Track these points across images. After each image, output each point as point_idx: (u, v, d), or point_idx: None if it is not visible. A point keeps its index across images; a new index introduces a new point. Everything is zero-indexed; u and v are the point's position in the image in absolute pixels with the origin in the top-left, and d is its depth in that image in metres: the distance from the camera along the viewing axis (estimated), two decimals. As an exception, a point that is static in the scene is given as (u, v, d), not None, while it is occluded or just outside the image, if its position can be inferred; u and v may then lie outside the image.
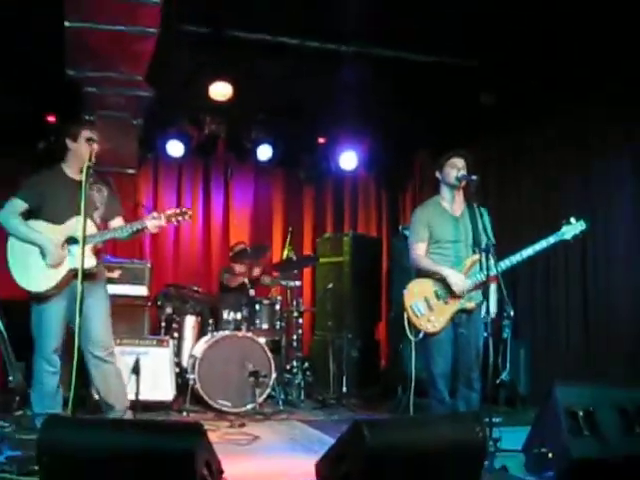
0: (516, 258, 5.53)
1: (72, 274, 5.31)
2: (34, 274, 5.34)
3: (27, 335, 6.27)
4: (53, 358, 5.39)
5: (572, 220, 5.59)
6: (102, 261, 5.77)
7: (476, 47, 7.85)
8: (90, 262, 5.34)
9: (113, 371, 5.60)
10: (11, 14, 6.58)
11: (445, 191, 5.89)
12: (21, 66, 7.37)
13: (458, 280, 5.56)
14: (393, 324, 9.28)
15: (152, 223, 5.44)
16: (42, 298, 5.35)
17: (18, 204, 5.40)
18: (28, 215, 5.44)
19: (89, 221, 5.35)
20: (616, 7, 6.38)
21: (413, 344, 5.69)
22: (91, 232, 5.37)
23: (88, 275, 5.32)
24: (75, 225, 5.32)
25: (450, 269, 5.62)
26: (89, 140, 5.46)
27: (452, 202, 5.86)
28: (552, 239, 5.55)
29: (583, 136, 7.79)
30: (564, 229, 5.56)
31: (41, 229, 5.36)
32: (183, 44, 7.61)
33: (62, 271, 5.32)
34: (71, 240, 5.35)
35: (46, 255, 5.32)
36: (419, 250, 5.78)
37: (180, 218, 5.53)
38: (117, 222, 5.69)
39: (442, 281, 5.64)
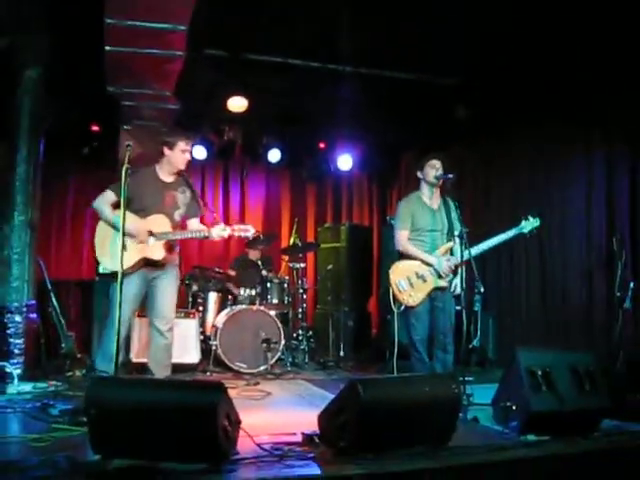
0: (483, 246, 5.60)
1: (144, 261, 5.33)
2: (113, 256, 5.27)
3: (76, 309, 6.30)
4: (121, 328, 5.28)
5: (530, 217, 5.66)
6: (173, 251, 5.65)
7: (453, 68, 7.89)
8: (159, 254, 5.38)
9: (164, 346, 5.55)
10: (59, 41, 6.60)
11: (425, 187, 5.91)
12: (69, 83, 7.36)
13: (442, 264, 5.64)
14: (382, 299, 9.27)
15: (217, 233, 5.41)
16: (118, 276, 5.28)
17: (110, 196, 5.37)
18: (119, 206, 5.31)
19: (165, 219, 5.43)
20: (578, 34, 6.40)
21: (396, 315, 5.73)
22: (165, 230, 5.40)
23: (157, 264, 5.41)
24: (154, 221, 5.36)
25: (434, 257, 5.68)
26: (184, 151, 5.48)
27: (431, 197, 5.89)
28: (513, 232, 5.63)
29: (544, 145, 7.77)
30: (523, 224, 5.65)
31: (128, 219, 5.15)
32: (205, 64, 7.60)
33: (136, 257, 5.31)
34: (150, 233, 5.34)
35: (126, 242, 5.16)
36: (403, 236, 5.82)
37: (242, 234, 5.50)
38: (194, 222, 5.70)
39: (422, 263, 5.69)
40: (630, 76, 6.48)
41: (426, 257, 5.70)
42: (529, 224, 5.65)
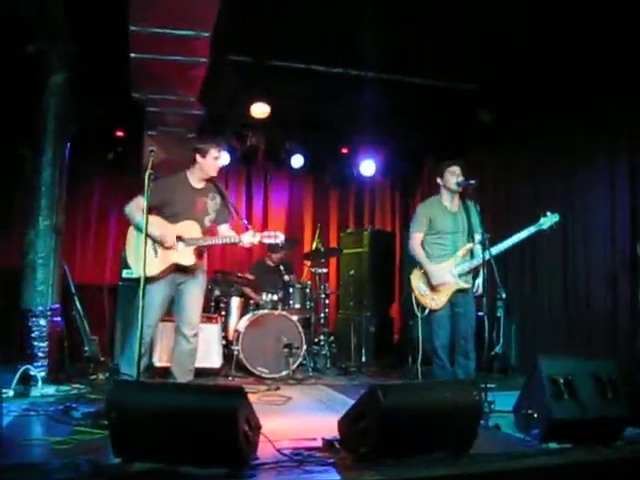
0: (503, 245, 5.59)
1: (174, 266, 5.38)
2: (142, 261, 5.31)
3: (100, 313, 6.35)
4: (147, 332, 5.25)
5: (548, 213, 5.63)
6: (202, 256, 5.69)
7: (475, 75, 7.92)
8: (189, 260, 5.43)
9: (189, 351, 5.59)
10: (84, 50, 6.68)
11: (445, 193, 5.96)
12: (94, 89, 7.43)
13: (436, 275, 5.72)
14: (404, 304, 9.26)
15: (248, 240, 5.44)
16: (146, 281, 5.30)
17: (141, 201, 5.22)
18: (151, 211, 5.28)
19: (195, 225, 5.47)
20: (601, 33, 6.37)
21: (419, 319, 5.73)
22: (196, 235, 5.44)
23: (187, 269, 5.45)
24: (186, 227, 5.41)
25: (432, 265, 5.75)
26: (216, 158, 5.54)
27: (451, 201, 5.92)
28: (532, 228, 5.62)
29: (565, 148, 7.73)
30: (542, 220, 5.64)
31: (157, 225, 5.33)
32: (229, 71, 7.64)
33: (166, 263, 5.35)
34: (180, 238, 5.38)
35: (157, 247, 5.35)
36: (416, 239, 5.92)
37: (272, 240, 5.52)
38: (224, 228, 5.73)
39: (442, 266, 5.72)
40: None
41: (426, 264, 5.77)
42: (548, 220, 5.62)
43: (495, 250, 5.50)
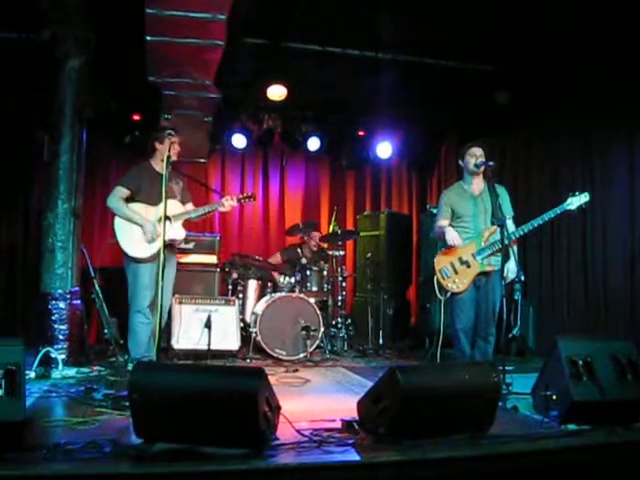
0: (528, 227, 5.53)
1: (167, 244, 5.51)
2: (138, 244, 5.80)
3: (119, 295, 6.41)
4: (146, 312, 5.71)
5: (577, 193, 5.52)
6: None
7: (492, 55, 7.87)
8: (182, 234, 5.96)
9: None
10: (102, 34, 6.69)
11: (466, 175, 5.93)
12: (111, 73, 7.45)
13: (452, 237, 5.72)
14: (422, 287, 9.28)
15: (228, 203, 5.99)
16: (140, 261, 5.74)
17: (121, 191, 5.89)
18: (128, 199, 5.89)
19: (177, 202, 5.98)
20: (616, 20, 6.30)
21: (443, 302, 5.73)
22: (180, 211, 5.92)
23: (171, 246, 5.86)
24: (168, 205, 5.55)
25: (449, 233, 5.76)
26: (173, 142, 5.78)
27: (472, 184, 5.89)
28: (558, 210, 5.50)
29: (585, 127, 7.64)
30: (569, 200, 5.50)
31: (140, 210, 5.84)
32: (245, 53, 7.62)
33: (159, 242, 5.49)
34: (167, 218, 5.52)
35: (145, 232, 5.77)
36: (439, 225, 5.95)
37: (248, 200, 6.15)
38: (189, 207, 6.19)
39: (465, 249, 5.69)
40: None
41: (445, 233, 5.79)
42: (576, 200, 5.49)
43: (519, 232, 5.50)
